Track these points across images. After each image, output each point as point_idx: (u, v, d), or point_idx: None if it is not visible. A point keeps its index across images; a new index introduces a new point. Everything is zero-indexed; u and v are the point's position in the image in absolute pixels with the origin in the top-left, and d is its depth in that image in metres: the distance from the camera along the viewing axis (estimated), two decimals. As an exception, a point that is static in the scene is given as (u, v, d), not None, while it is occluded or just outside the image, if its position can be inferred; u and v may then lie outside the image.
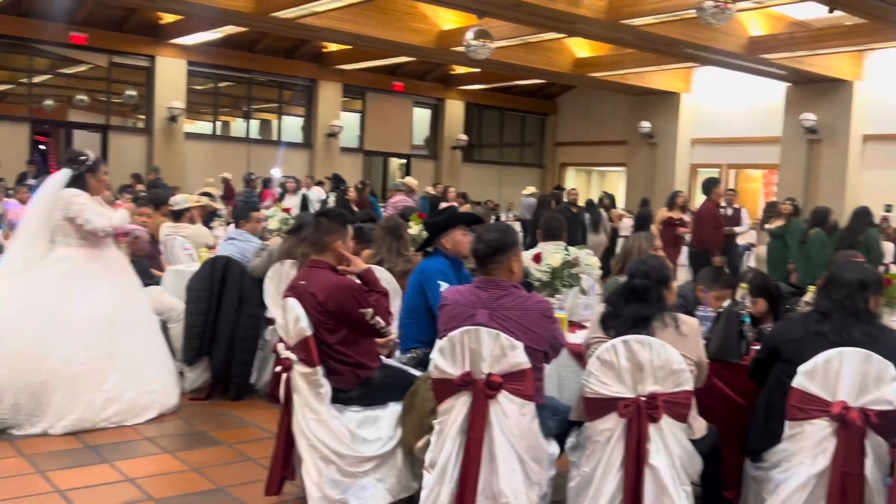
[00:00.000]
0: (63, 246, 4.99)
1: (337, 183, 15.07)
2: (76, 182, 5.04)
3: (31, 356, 4.74)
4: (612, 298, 3.41)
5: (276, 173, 16.29)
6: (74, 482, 4.04)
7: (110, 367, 4.92)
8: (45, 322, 4.82)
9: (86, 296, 4.95)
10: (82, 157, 5.15)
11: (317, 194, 15.11)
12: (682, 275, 10.35)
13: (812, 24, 14.07)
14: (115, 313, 5.03)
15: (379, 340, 4.02)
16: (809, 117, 16.65)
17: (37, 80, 17.93)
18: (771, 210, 11.20)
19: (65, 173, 5.06)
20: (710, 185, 10.49)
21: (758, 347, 3.69)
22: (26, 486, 4.00)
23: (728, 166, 19.92)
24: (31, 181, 11.66)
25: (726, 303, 4.23)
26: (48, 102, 18.57)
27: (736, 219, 11.40)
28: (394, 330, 4.25)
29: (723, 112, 19.49)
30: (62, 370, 4.77)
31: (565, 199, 14.20)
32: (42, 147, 18.65)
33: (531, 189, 18.42)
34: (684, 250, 10.75)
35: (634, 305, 3.32)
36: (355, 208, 12.31)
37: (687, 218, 10.96)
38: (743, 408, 3.65)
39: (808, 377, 3.09)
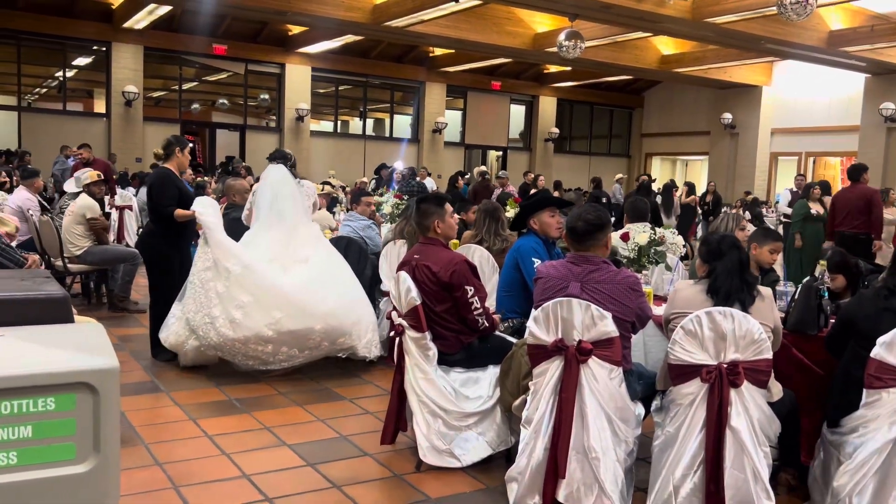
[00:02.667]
0: (309, 224, 5.49)
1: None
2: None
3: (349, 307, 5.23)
4: (725, 275, 3.21)
5: (399, 166, 16.49)
6: (220, 429, 4.23)
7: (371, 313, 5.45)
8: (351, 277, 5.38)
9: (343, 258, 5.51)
10: (290, 155, 5.59)
11: (429, 184, 15.18)
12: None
13: (893, 16, 13.18)
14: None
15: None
16: (889, 106, 15.73)
17: (185, 86, 18.73)
18: None
19: (283, 169, 5.39)
20: (861, 170, 8.59)
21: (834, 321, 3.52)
22: (181, 430, 4.22)
23: (807, 154, 19.01)
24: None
25: (780, 257, 4.11)
26: (195, 106, 19.39)
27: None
28: (490, 304, 4.24)
29: (802, 102, 18.59)
30: (364, 317, 5.29)
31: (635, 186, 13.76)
32: (190, 145, 19.50)
33: (619, 175, 18.27)
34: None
35: (748, 273, 3.26)
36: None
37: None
38: (821, 377, 3.49)
39: (886, 348, 2.94)
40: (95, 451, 1.77)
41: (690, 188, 14.73)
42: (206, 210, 5.15)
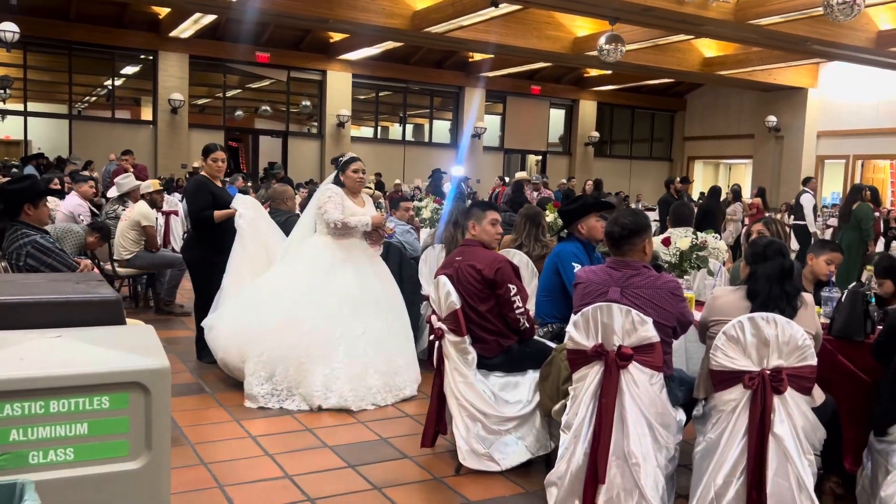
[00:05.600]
0: (319, 234, 5.02)
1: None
2: (337, 179, 5.10)
3: (289, 331, 4.73)
4: (765, 280, 3.14)
5: (457, 172, 15.90)
6: (263, 430, 4.30)
7: (360, 344, 4.77)
8: (295, 299, 4.79)
9: (330, 277, 4.86)
10: (339, 158, 5.21)
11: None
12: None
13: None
14: (358, 295, 4.86)
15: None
16: (941, 107, 15.31)
17: (229, 94, 19.08)
18: None
19: (329, 178, 5.21)
20: None
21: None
22: (226, 431, 4.31)
23: (855, 157, 18.59)
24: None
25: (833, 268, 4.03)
26: (238, 113, 19.74)
27: None
28: (530, 308, 4.25)
29: (850, 104, 18.19)
30: (319, 345, 4.71)
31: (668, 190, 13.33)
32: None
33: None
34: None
35: (789, 283, 3.16)
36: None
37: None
38: (868, 384, 3.42)
39: (935, 355, 2.87)
40: (147, 448, 1.83)
41: (736, 193, 14.53)
42: (242, 212, 5.31)
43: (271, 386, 4.71)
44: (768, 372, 2.95)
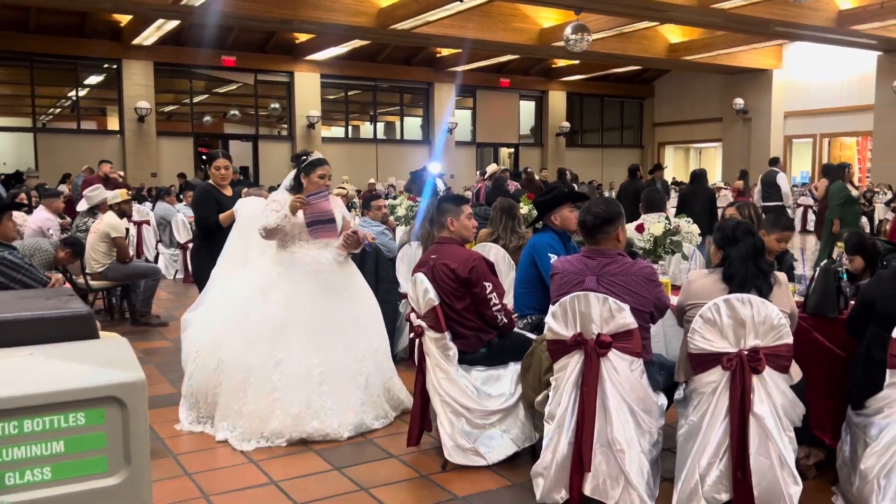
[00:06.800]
0: (272, 247, 4.44)
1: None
2: (296, 181, 4.43)
3: (210, 355, 4.33)
4: (740, 262, 3.16)
5: (434, 169, 15.54)
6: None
7: (274, 376, 4.10)
8: (222, 325, 4.35)
9: (259, 301, 4.26)
10: (302, 157, 4.47)
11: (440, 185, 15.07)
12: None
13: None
14: (285, 317, 4.18)
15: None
16: (903, 83, 15.55)
17: (196, 100, 18.88)
18: None
19: (290, 175, 4.51)
20: None
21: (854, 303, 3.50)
22: (208, 440, 4.25)
23: (821, 136, 18.87)
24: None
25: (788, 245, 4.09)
26: (207, 118, 19.55)
27: None
28: (508, 302, 4.25)
29: (814, 84, 18.45)
30: (232, 375, 4.18)
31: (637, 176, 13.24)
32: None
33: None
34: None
35: (762, 260, 3.20)
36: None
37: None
38: (843, 359, 3.47)
39: (908, 328, 2.92)
40: (126, 463, 1.80)
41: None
42: (245, 205, 5.13)
43: (196, 412, 4.39)
44: (746, 352, 2.98)
